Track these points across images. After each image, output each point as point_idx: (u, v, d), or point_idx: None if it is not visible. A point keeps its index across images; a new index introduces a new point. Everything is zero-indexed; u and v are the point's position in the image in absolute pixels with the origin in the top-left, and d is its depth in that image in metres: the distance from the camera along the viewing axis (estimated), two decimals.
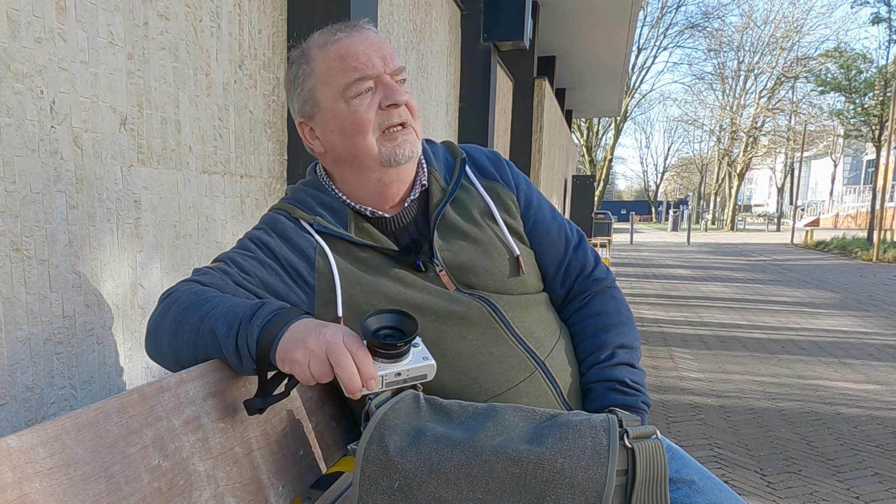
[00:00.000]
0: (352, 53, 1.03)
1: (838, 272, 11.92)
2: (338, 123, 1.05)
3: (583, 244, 1.20)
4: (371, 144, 1.04)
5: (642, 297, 8.25)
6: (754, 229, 36.98)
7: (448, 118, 5.47)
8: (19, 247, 1.34)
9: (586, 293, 1.16)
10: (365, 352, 0.80)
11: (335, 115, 1.05)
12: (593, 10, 9.11)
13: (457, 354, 1.03)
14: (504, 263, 1.10)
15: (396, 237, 1.10)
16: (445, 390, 1.03)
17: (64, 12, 1.43)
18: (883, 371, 4.59)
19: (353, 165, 1.08)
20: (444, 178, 1.14)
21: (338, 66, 1.03)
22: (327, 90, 1.05)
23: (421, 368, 0.81)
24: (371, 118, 1.03)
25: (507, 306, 1.07)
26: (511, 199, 1.17)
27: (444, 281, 1.07)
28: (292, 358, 0.81)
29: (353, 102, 1.03)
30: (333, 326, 0.83)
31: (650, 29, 35.88)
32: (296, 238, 1.06)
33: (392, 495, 0.86)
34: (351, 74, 1.02)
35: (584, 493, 0.82)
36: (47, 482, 0.63)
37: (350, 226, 1.08)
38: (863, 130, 19.54)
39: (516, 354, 1.05)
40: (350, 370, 0.78)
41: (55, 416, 1.30)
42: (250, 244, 1.07)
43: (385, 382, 0.81)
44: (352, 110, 1.03)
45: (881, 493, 2.64)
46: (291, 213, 1.10)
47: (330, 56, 1.04)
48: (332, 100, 1.05)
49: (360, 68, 1.03)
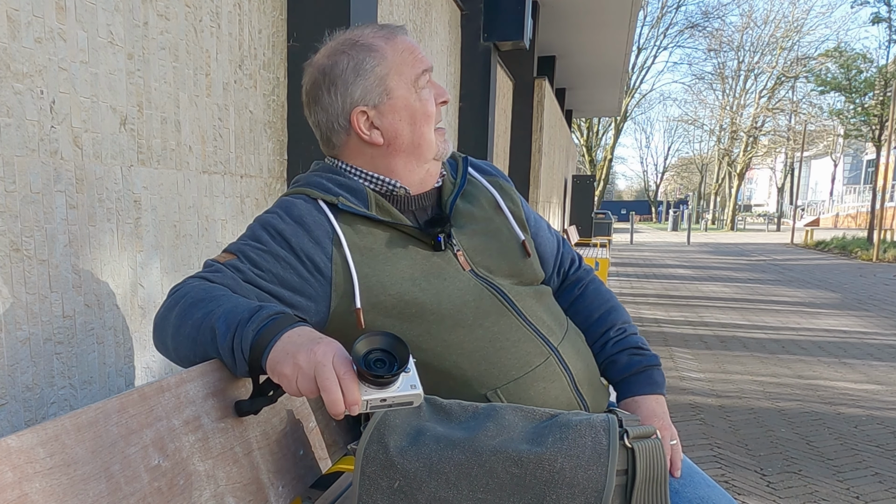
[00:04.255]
0: (415, 48, 1.11)
1: (838, 272, 11.92)
2: (409, 112, 1.10)
3: (565, 240, 1.35)
4: (432, 136, 1.13)
5: (642, 297, 8.25)
6: (754, 229, 36.97)
7: (448, 118, 5.47)
8: (19, 247, 1.34)
9: (580, 283, 1.30)
10: (352, 376, 0.78)
11: (407, 104, 1.10)
12: (593, 10, 9.11)
13: (475, 340, 1.05)
14: (514, 247, 1.16)
15: (416, 217, 1.14)
16: (465, 375, 1.04)
17: (64, 12, 1.43)
18: (883, 371, 4.60)
19: (413, 155, 1.13)
20: (451, 174, 1.21)
21: (409, 58, 1.10)
22: (400, 79, 1.09)
23: (407, 396, 0.79)
24: (434, 111, 1.13)
25: (518, 296, 1.11)
26: (512, 191, 1.26)
27: (461, 261, 1.10)
28: (280, 371, 0.81)
29: (422, 93, 1.11)
30: (325, 344, 0.81)
31: (650, 29, 35.88)
32: (312, 225, 1.05)
33: (392, 495, 0.86)
34: (420, 66, 1.10)
35: (584, 493, 0.82)
36: (47, 482, 0.63)
37: (371, 204, 1.09)
38: (863, 130, 19.56)
39: (531, 339, 1.08)
40: (335, 395, 0.77)
41: (55, 416, 1.30)
42: (263, 234, 1.04)
43: (370, 406, 0.79)
44: (423, 100, 1.11)
45: (881, 493, 2.64)
46: (310, 196, 1.09)
47: (399, 48, 1.10)
48: (405, 89, 1.10)
49: (424, 62, 1.11)
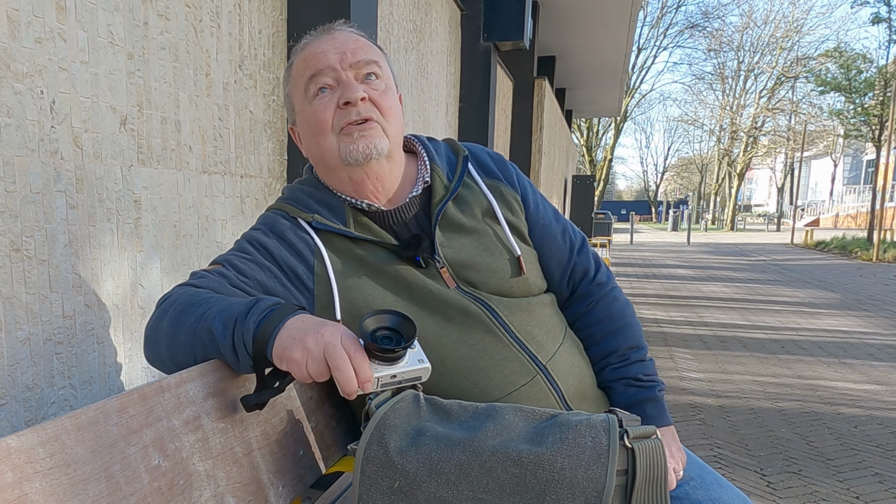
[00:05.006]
0: (313, 54, 1.04)
1: (838, 272, 11.92)
2: (308, 125, 1.07)
3: (585, 246, 1.21)
4: (332, 144, 1.04)
5: (642, 297, 8.25)
6: (754, 229, 36.97)
7: (448, 118, 5.47)
8: (19, 247, 1.34)
9: (590, 298, 1.17)
10: (362, 354, 0.79)
11: (304, 117, 1.07)
12: (593, 10, 9.11)
13: (457, 359, 1.03)
14: (505, 263, 1.08)
15: (396, 232, 1.09)
16: (446, 394, 1.02)
17: (64, 12, 1.43)
18: (883, 371, 4.59)
19: (324, 165, 1.09)
20: (446, 175, 1.12)
21: (301, 68, 1.06)
22: (297, 93, 1.08)
23: (416, 371, 0.82)
24: (328, 117, 1.03)
25: (507, 310, 1.06)
26: (515, 199, 1.15)
27: (445, 278, 1.05)
28: (290, 357, 0.81)
29: (314, 103, 1.04)
30: (331, 326, 0.82)
31: (650, 29, 35.90)
32: (294, 239, 1.05)
33: (392, 495, 0.86)
34: (307, 73, 1.04)
35: (584, 493, 0.82)
36: (47, 482, 0.63)
37: (349, 221, 1.07)
38: (863, 130, 19.54)
39: (517, 358, 1.04)
40: (348, 373, 0.78)
41: (55, 416, 1.30)
42: (248, 246, 1.06)
43: (381, 384, 0.82)
44: (313, 110, 1.04)
45: (881, 493, 2.64)
46: (289, 213, 1.09)
47: (299, 60, 1.07)
48: (301, 102, 1.07)
49: (314, 65, 1.03)
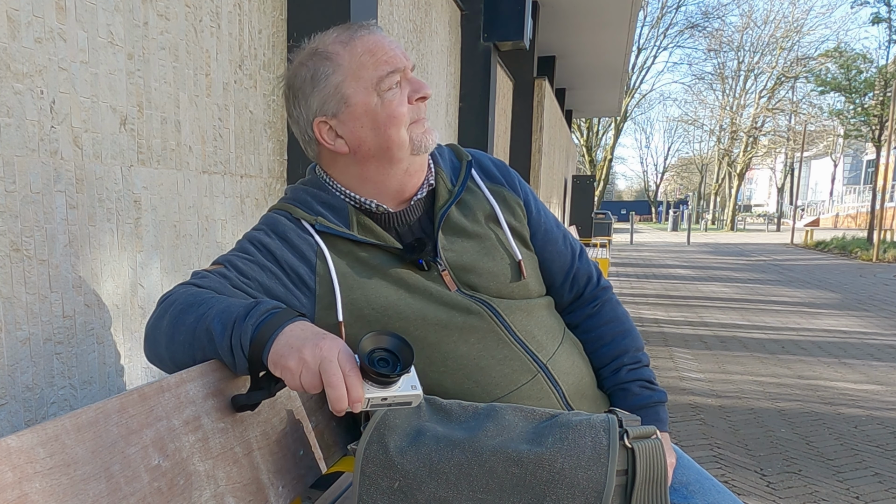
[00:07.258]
0: (380, 48, 1.04)
1: (838, 272, 11.92)
2: (370, 117, 1.05)
3: (584, 253, 1.25)
4: (403, 135, 1.05)
5: (642, 297, 8.25)
6: (754, 229, 36.96)
7: (448, 118, 5.47)
8: (19, 247, 1.34)
9: (596, 301, 1.21)
10: (357, 374, 0.79)
11: (368, 109, 1.04)
12: (593, 10, 9.11)
13: (458, 358, 1.03)
14: (506, 267, 1.10)
15: (399, 235, 1.10)
16: (448, 393, 1.02)
17: (64, 12, 1.43)
18: (883, 371, 4.59)
19: (383, 160, 1.07)
20: (450, 179, 1.14)
21: (368, 61, 1.03)
22: (358, 85, 1.04)
23: (408, 396, 0.81)
24: (405, 112, 1.05)
25: (507, 310, 1.07)
26: (517, 203, 1.17)
27: (447, 281, 1.06)
28: (284, 364, 0.81)
29: (386, 96, 1.04)
30: (330, 339, 0.82)
31: (650, 29, 35.89)
32: (296, 240, 1.05)
33: (392, 495, 0.86)
34: (383, 68, 1.03)
35: (584, 493, 0.82)
36: (47, 482, 0.63)
37: (352, 224, 1.07)
38: (863, 130, 19.55)
39: (518, 357, 1.05)
40: (340, 391, 0.78)
41: (55, 416, 1.30)
42: (250, 247, 1.05)
43: (371, 404, 0.81)
44: (386, 103, 1.04)
45: (881, 493, 2.64)
46: (292, 214, 1.08)
47: (357, 52, 1.04)
48: (364, 94, 1.04)
49: (390, 62, 1.03)
